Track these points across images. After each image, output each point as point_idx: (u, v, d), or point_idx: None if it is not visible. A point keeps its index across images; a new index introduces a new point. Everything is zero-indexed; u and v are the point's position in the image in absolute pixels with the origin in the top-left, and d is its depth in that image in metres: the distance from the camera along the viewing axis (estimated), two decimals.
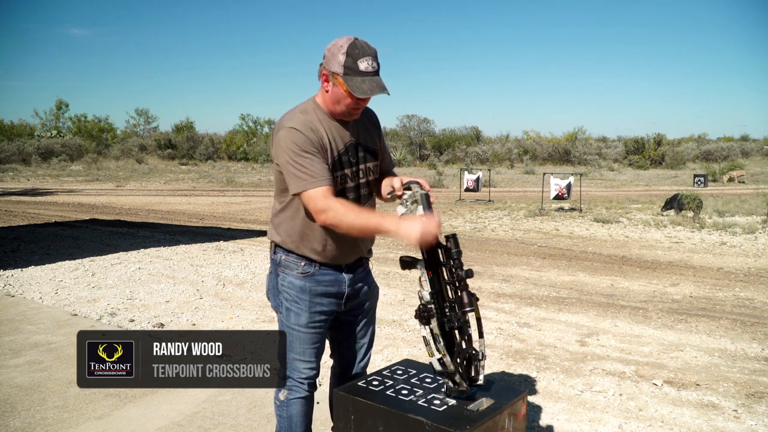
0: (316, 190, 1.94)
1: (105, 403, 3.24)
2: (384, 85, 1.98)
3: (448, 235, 1.92)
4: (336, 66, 1.96)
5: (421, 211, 1.94)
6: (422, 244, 1.88)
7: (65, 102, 46.68)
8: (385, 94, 1.98)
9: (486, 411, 1.90)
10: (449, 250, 1.90)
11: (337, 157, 2.06)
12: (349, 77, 1.94)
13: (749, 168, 30.30)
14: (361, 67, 1.94)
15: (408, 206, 1.98)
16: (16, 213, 12.78)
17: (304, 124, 2.00)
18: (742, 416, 3.28)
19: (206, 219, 12.21)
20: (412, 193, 1.99)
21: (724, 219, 11.75)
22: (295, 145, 1.97)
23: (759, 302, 5.80)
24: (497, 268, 7.34)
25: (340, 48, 1.95)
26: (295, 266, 2.14)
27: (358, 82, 1.94)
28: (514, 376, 3.85)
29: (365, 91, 1.94)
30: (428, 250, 1.92)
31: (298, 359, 2.18)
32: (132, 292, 5.81)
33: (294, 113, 2.05)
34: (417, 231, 1.83)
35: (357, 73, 1.94)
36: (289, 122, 2.01)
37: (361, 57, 1.94)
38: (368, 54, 1.96)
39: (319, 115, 2.05)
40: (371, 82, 1.96)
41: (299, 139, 1.97)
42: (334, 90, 2.00)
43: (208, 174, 26.91)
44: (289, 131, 1.99)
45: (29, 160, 32.37)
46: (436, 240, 1.89)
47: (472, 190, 16.16)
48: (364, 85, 1.95)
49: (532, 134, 44.98)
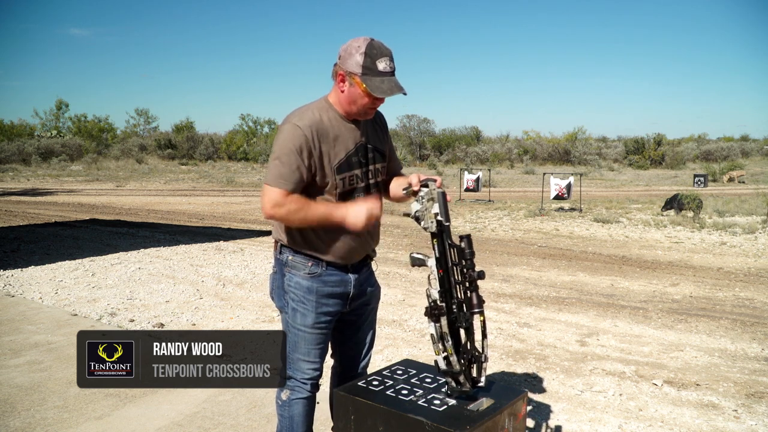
0: (278, 189, 1.98)
1: (105, 403, 3.24)
2: (401, 85, 2.00)
3: (462, 235, 1.92)
4: (353, 66, 1.96)
5: (437, 208, 1.94)
6: (367, 225, 2.00)
7: (65, 102, 46.71)
8: (403, 94, 2.00)
9: (486, 411, 1.90)
10: (462, 251, 1.90)
11: (346, 157, 2.06)
12: (368, 77, 1.96)
13: (749, 168, 30.31)
14: (380, 67, 1.96)
15: (424, 203, 1.97)
16: (16, 213, 12.78)
17: (310, 123, 2.00)
18: (742, 416, 3.28)
19: (206, 219, 12.21)
20: (429, 190, 1.97)
21: (724, 219, 11.75)
22: (289, 142, 1.98)
23: (759, 302, 5.80)
24: (497, 268, 7.34)
25: (357, 48, 1.96)
26: (302, 266, 2.14)
27: (377, 82, 1.96)
28: (514, 376, 3.85)
29: (384, 91, 1.96)
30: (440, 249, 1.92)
31: (303, 360, 2.18)
32: (132, 292, 5.81)
33: (305, 110, 2.06)
34: (362, 212, 1.97)
35: (376, 74, 1.96)
36: (296, 118, 2.02)
37: (380, 57, 1.96)
38: (386, 54, 1.97)
39: (331, 115, 2.06)
40: (390, 82, 1.97)
41: (296, 139, 1.98)
42: (351, 90, 2.00)
43: (208, 174, 26.91)
44: (291, 127, 2.00)
45: (29, 160, 32.36)
46: (377, 219, 2.03)
47: (472, 190, 16.16)
48: (383, 85, 1.96)
49: (532, 134, 45.00)
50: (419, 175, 2.04)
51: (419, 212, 1.96)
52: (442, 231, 1.93)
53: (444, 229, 1.93)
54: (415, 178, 2.04)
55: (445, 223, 1.93)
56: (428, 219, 1.94)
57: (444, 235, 1.93)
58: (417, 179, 2.02)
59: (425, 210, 1.96)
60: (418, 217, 1.96)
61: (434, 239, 1.94)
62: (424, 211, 1.96)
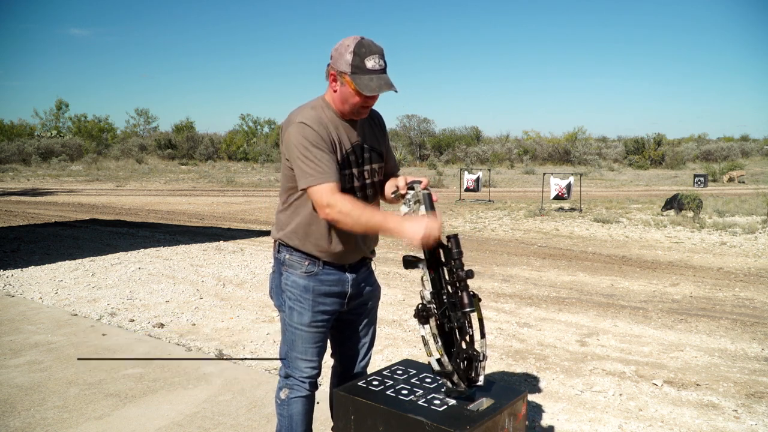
0: (323, 186, 1.94)
1: (105, 403, 3.24)
2: (391, 82, 2.00)
3: (450, 235, 1.92)
4: (343, 65, 1.97)
5: (424, 210, 1.94)
6: (424, 244, 1.88)
7: (65, 102, 46.76)
8: (393, 91, 2.00)
9: (486, 411, 1.90)
10: (450, 251, 1.90)
11: (344, 156, 2.07)
12: (357, 76, 1.96)
13: (749, 168, 30.31)
14: (369, 65, 1.96)
15: (411, 206, 1.98)
16: (16, 213, 12.78)
17: (314, 119, 2.01)
18: (742, 416, 3.28)
19: (206, 219, 12.21)
20: (415, 192, 1.99)
21: (724, 219, 11.75)
22: (306, 140, 1.98)
23: (759, 302, 5.80)
24: (497, 268, 7.34)
25: (347, 47, 1.97)
26: (299, 265, 2.14)
27: (366, 80, 1.96)
28: (514, 376, 3.85)
29: (373, 88, 1.96)
30: (430, 250, 1.92)
31: (300, 358, 2.18)
32: (132, 292, 5.81)
33: (304, 109, 2.07)
34: (420, 231, 1.84)
35: (364, 72, 1.96)
36: (299, 117, 2.02)
37: (368, 55, 1.96)
38: (375, 52, 1.98)
39: (328, 114, 2.07)
40: (379, 80, 1.97)
41: (309, 134, 1.98)
42: (342, 89, 2.01)
43: (208, 174, 26.91)
44: (299, 126, 2.00)
45: (29, 160, 32.37)
46: (437, 241, 1.90)
47: (472, 190, 16.16)
48: (372, 83, 1.96)
49: (532, 134, 45.02)
50: (406, 178, 2.06)
51: (407, 215, 1.97)
52: None
53: None
54: (402, 180, 2.05)
55: None
56: None
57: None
58: (404, 182, 2.04)
59: (412, 212, 1.98)
60: None
61: None
62: (411, 213, 1.97)
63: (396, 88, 2.00)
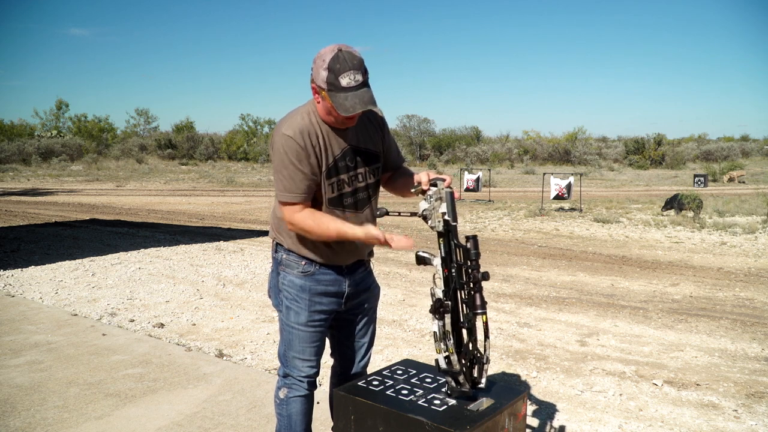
0: (288, 207, 2.02)
1: (105, 403, 3.24)
2: (369, 99, 1.91)
3: (469, 236, 1.91)
4: (320, 81, 1.92)
5: (444, 208, 1.93)
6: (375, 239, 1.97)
7: (65, 102, 46.79)
8: (370, 110, 1.92)
9: (486, 411, 1.90)
10: (468, 251, 1.89)
11: (333, 162, 2.05)
12: (333, 93, 1.90)
13: (749, 168, 30.31)
14: (343, 83, 1.88)
15: (432, 202, 1.96)
16: (16, 213, 12.78)
17: (299, 129, 1.98)
18: (742, 416, 3.28)
19: (206, 219, 12.21)
20: (437, 189, 1.96)
21: (724, 219, 11.74)
22: (285, 154, 1.97)
23: (759, 302, 5.80)
24: (497, 268, 7.34)
25: (323, 62, 1.90)
26: (295, 265, 2.14)
27: (341, 98, 1.90)
28: (514, 376, 3.85)
29: (347, 108, 1.89)
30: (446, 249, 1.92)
31: (298, 357, 2.18)
32: (132, 292, 5.81)
33: (293, 117, 2.04)
34: (373, 231, 1.96)
35: (339, 89, 1.89)
36: (285, 127, 2.00)
37: (343, 72, 1.88)
38: (350, 68, 1.88)
39: (317, 119, 2.04)
40: (354, 98, 1.89)
41: (290, 148, 1.97)
42: (324, 103, 1.97)
43: (208, 174, 26.91)
44: (282, 138, 1.98)
45: (29, 160, 32.38)
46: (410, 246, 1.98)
47: (472, 190, 16.17)
48: (347, 102, 1.89)
49: (532, 134, 45.04)
50: (429, 174, 2.00)
51: (427, 211, 1.96)
52: (449, 230, 1.93)
53: (451, 229, 1.93)
54: (425, 176, 2.00)
55: (452, 223, 1.93)
56: (435, 218, 1.94)
57: (450, 234, 1.93)
58: (427, 178, 1.99)
59: (433, 209, 1.96)
60: (426, 216, 1.96)
61: (440, 238, 1.94)
62: (431, 210, 1.96)
63: (374, 107, 1.92)
